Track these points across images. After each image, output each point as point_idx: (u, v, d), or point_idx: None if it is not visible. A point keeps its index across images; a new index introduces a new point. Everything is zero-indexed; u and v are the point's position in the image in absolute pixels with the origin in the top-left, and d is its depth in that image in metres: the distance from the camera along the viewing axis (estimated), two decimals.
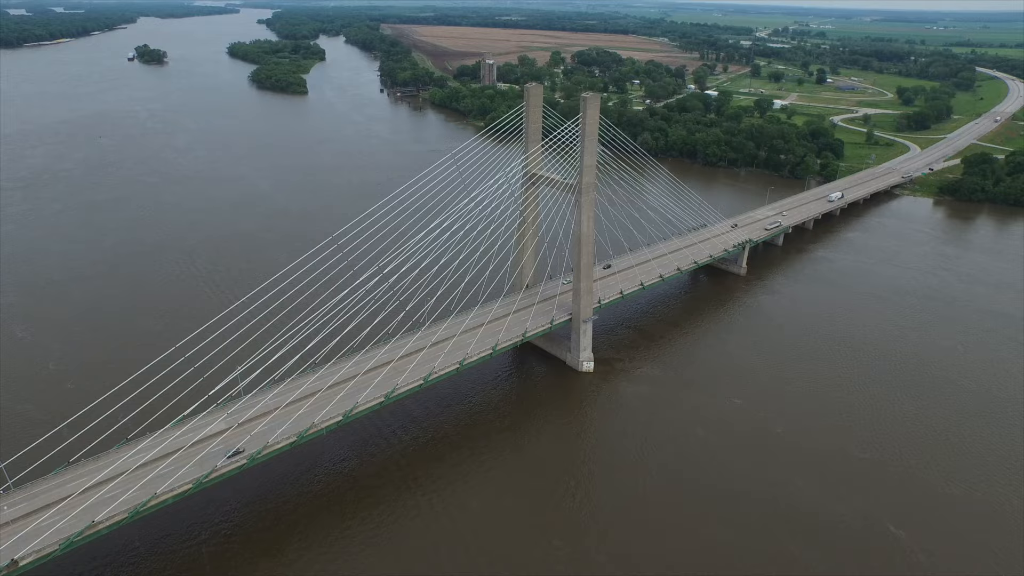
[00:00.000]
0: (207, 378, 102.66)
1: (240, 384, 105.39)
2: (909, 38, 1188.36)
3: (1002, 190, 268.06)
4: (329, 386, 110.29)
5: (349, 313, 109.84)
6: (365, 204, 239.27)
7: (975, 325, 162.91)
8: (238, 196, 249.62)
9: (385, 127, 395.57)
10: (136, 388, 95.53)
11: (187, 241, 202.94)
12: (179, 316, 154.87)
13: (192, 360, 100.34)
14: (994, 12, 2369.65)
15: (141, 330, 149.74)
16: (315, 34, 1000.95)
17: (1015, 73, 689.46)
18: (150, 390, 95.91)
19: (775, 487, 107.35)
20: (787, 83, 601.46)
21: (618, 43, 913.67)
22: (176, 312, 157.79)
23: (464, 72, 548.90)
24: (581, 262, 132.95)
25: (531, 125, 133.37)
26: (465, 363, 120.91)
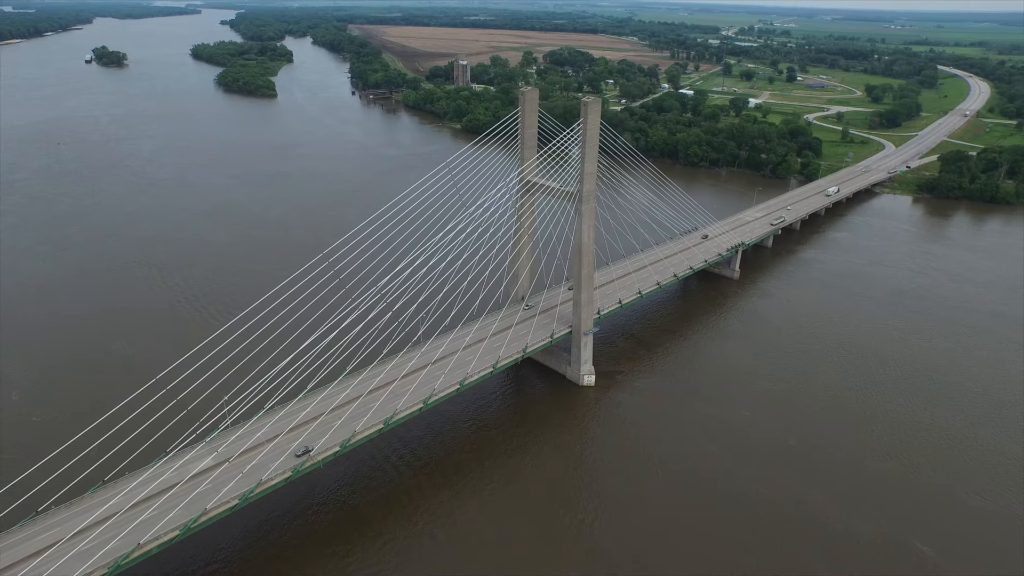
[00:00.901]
0: (191, 410, 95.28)
1: (227, 416, 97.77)
2: (870, 36, 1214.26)
3: (978, 187, 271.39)
4: (324, 413, 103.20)
5: (342, 333, 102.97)
6: (345, 213, 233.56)
7: (971, 325, 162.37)
8: (210, 205, 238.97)
9: (359, 130, 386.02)
10: (113, 424, 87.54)
11: (159, 255, 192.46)
12: (155, 338, 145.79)
13: (174, 392, 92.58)
14: (947, 12, 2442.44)
15: (114, 355, 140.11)
16: (281, 35, 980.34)
17: (973, 71, 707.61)
18: (129, 426, 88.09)
19: (795, 504, 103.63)
20: (759, 81, 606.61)
21: (588, 42, 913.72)
22: (151, 333, 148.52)
23: (436, 73, 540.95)
24: (582, 273, 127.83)
25: (527, 131, 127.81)
26: (466, 383, 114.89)
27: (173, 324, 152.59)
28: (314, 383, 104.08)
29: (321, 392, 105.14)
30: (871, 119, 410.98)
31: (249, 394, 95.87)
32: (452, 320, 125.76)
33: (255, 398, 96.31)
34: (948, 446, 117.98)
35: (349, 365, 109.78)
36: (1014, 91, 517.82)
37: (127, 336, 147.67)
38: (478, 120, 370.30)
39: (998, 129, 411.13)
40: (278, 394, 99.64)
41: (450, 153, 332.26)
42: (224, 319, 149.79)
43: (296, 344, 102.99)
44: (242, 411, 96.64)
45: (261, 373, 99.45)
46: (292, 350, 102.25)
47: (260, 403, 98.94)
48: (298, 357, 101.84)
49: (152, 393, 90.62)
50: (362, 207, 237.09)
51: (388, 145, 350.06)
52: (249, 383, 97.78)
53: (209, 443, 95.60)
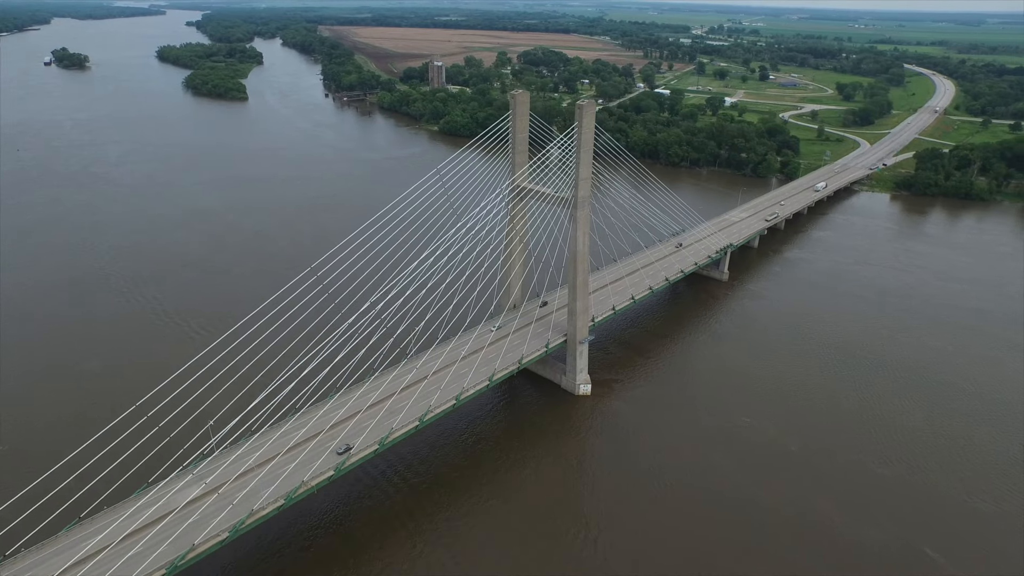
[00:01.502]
0: (174, 438, 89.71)
1: (212, 442, 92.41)
2: (837, 35, 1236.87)
3: (952, 184, 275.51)
4: (315, 435, 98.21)
5: (332, 350, 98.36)
6: (324, 219, 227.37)
7: (958, 323, 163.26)
8: (183, 214, 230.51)
9: (334, 133, 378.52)
10: (89, 457, 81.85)
11: (131, 266, 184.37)
12: (132, 356, 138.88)
13: (156, 418, 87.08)
14: (907, 12, 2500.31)
15: (87, 378, 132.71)
16: (250, 37, 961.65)
17: (937, 70, 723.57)
18: (107, 458, 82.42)
19: (802, 514, 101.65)
20: (732, 80, 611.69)
21: (561, 42, 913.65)
22: (128, 351, 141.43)
23: (411, 75, 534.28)
24: (577, 280, 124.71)
25: (518, 135, 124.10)
26: (462, 398, 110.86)
27: (151, 341, 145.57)
28: (305, 403, 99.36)
29: (313, 412, 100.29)
30: (845, 117, 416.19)
31: (236, 418, 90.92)
32: (444, 332, 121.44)
33: (240, 422, 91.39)
34: (948, 448, 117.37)
35: (340, 383, 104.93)
36: (978, 89, 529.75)
37: (102, 355, 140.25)
38: (456, 122, 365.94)
39: (966, 126, 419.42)
40: (264, 415, 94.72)
41: (429, 156, 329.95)
42: (205, 334, 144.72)
43: (284, 363, 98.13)
44: (226, 437, 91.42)
45: (247, 397, 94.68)
46: (280, 369, 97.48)
47: (248, 427, 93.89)
48: (287, 376, 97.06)
49: (132, 420, 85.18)
50: (342, 213, 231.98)
51: (365, 148, 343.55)
52: (235, 406, 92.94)
53: (195, 472, 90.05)
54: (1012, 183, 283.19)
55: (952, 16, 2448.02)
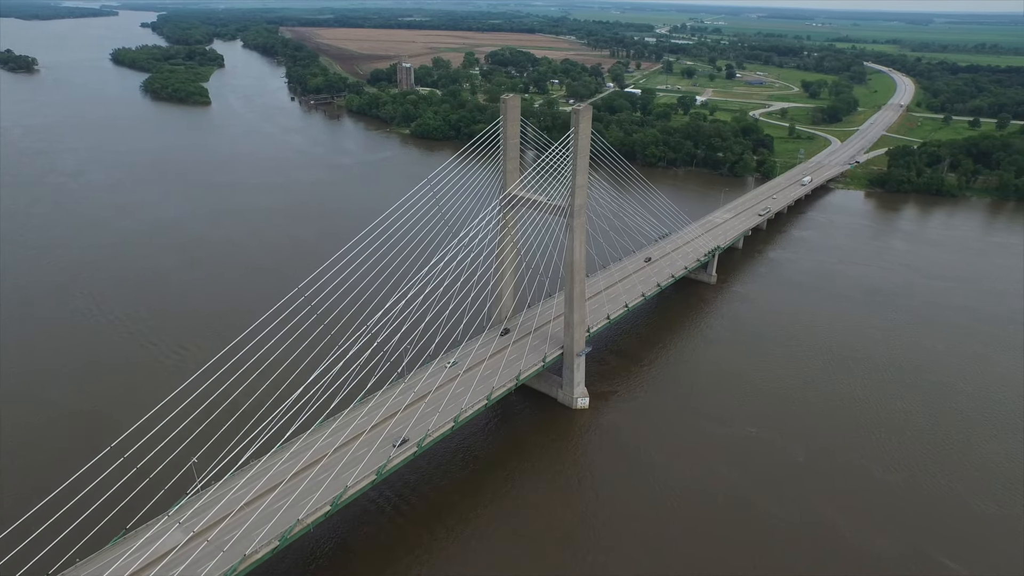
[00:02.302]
0: (153, 479, 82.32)
1: (197, 481, 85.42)
2: (796, 34, 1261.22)
3: (924, 181, 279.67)
4: (308, 465, 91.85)
5: (321, 375, 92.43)
6: (298, 228, 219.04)
7: (947, 322, 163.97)
8: (149, 225, 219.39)
9: (303, 138, 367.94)
10: (58, 507, 74.38)
11: (95, 284, 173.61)
12: (100, 386, 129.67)
13: (133, 459, 79.84)
14: (860, 11, 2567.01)
15: (52, 409, 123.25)
16: (209, 38, 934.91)
17: (895, 67, 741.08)
18: (79, 506, 74.99)
19: (813, 525, 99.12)
20: (700, 79, 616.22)
21: (527, 42, 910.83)
22: (96, 380, 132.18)
23: (378, 76, 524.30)
24: (574, 291, 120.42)
25: (509, 141, 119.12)
26: (460, 419, 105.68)
27: (122, 369, 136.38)
28: (295, 433, 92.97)
29: (304, 443, 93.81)
30: (814, 115, 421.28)
31: (221, 452, 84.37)
32: (436, 349, 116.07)
33: (225, 456, 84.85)
34: (951, 451, 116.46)
35: (332, 409, 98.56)
36: (936, 87, 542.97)
37: (65, 386, 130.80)
38: (428, 125, 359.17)
39: (928, 123, 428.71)
40: (253, 447, 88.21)
41: (403, 160, 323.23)
42: (179, 359, 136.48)
43: (271, 391, 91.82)
44: (210, 472, 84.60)
45: (234, 427, 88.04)
46: (267, 398, 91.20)
47: (230, 461, 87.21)
48: (274, 405, 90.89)
49: (107, 462, 77.92)
50: (315, 221, 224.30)
51: (335, 153, 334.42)
52: (220, 439, 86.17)
53: (179, 516, 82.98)
54: (979, 179, 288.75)
55: (902, 15, 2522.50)
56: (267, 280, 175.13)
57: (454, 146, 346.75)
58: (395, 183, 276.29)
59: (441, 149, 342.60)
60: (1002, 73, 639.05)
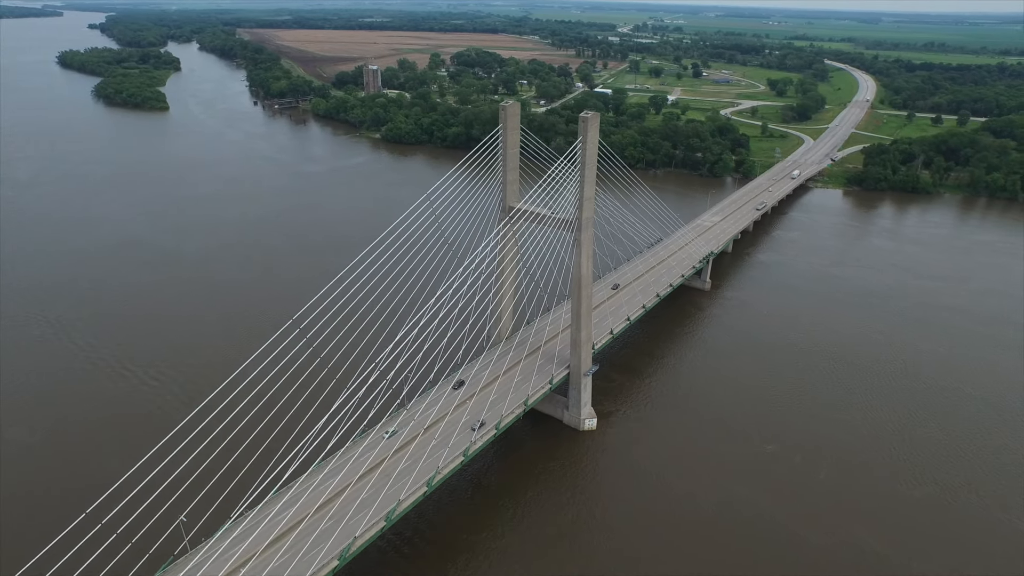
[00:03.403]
0: (137, 542, 73.34)
1: (186, 542, 76.60)
2: (755, 32, 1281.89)
3: (900, 178, 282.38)
4: (310, 515, 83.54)
5: (317, 413, 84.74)
6: (272, 240, 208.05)
7: (942, 323, 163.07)
8: (111, 242, 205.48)
9: (268, 144, 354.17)
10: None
11: (54, 308, 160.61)
12: (67, 429, 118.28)
13: (113, 524, 70.67)
14: (813, 10, 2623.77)
15: (16, 457, 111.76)
16: (163, 41, 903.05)
17: (854, 65, 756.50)
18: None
19: (850, 550, 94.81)
20: (667, 78, 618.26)
21: (491, 42, 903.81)
22: (62, 419, 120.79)
23: (344, 79, 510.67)
24: (581, 308, 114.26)
25: (509, 151, 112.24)
26: (470, 452, 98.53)
27: (88, 405, 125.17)
28: (289, 479, 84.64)
29: (299, 489, 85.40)
30: (784, 113, 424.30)
31: (209, 507, 75.88)
32: (438, 370, 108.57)
33: (217, 508, 76.43)
34: (970, 461, 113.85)
35: (329, 448, 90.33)
36: (897, 84, 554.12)
37: (29, 421, 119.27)
38: (400, 129, 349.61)
39: (893, 120, 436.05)
40: (247, 500, 79.68)
41: (376, 166, 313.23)
42: (157, 394, 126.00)
43: (265, 433, 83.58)
44: (200, 528, 76.05)
45: (224, 477, 79.58)
46: (260, 441, 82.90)
47: (222, 514, 78.75)
48: (268, 449, 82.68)
49: (88, 525, 68.75)
50: (291, 233, 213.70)
51: (305, 160, 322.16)
52: (211, 491, 77.61)
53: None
54: (951, 175, 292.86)
55: (852, 15, 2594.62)
56: (247, 300, 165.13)
57: (427, 150, 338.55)
58: (370, 190, 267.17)
59: (414, 154, 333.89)
60: (954, 71, 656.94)
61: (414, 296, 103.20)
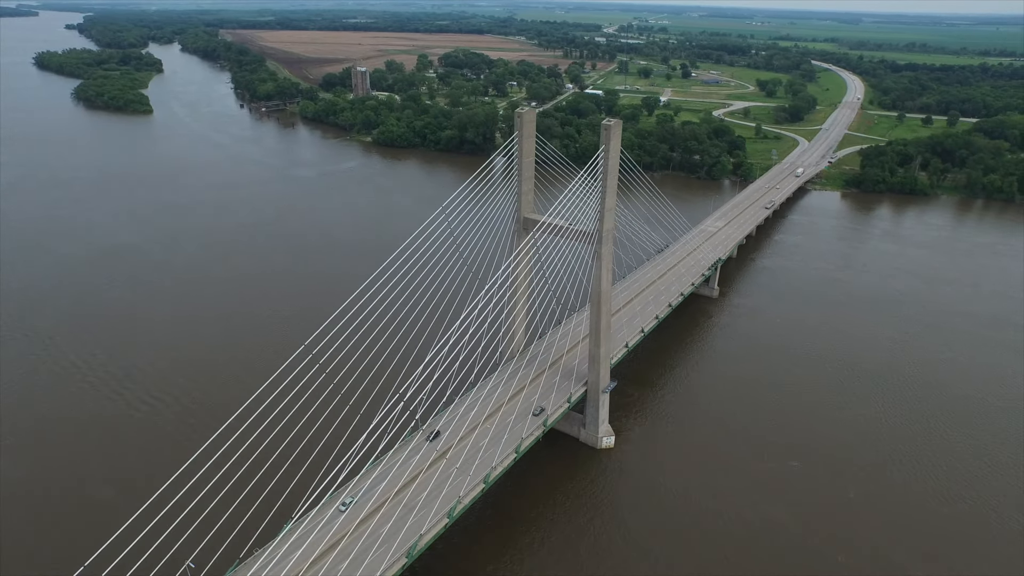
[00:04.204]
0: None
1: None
2: (740, 33, 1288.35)
3: (898, 180, 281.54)
4: (323, 552, 78.17)
5: (330, 440, 79.71)
6: (267, 248, 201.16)
7: (955, 328, 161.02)
8: (97, 250, 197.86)
9: (257, 149, 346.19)
10: None
11: (38, 321, 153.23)
12: (53, 459, 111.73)
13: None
14: (795, 10, 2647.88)
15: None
16: (144, 42, 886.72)
17: (840, 65, 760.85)
18: None
19: (888, 569, 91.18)
20: (657, 78, 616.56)
21: (478, 43, 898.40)
22: (47, 449, 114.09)
23: (332, 81, 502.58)
24: (600, 323, 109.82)
25: (524, 159, 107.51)
26: (491, 479, 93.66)
27: (79, 432, 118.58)
28: (303, 511, 79.40)
29: (312, 524, 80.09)
30: (776, 114, 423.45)
31: (219, 545, 70.46)
32: (453, 390, 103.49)
33: (230, 544, 71.03)
34: (1002, 476, 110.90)
35: (344, 478, 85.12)
36: (886, 85, 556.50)
37: (15, 450, 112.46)
38: (391, 132, 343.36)
39: (883, 121, 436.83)
40: (257, 536, 74.35)
41: (369, 170, 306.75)
42: (151, 408, 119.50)
43: (276, 467, 78.26)
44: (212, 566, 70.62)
45: (236, 512, 74.18)
46: (273, 473, 77.62)
47: (235, 549, 73.37)
48: (278, 480, 77.45)
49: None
50: (288, 241, 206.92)
51: (295, 164, 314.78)
52: (220, 531, 72.17)
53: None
54: (948, 177, 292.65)
55: (833, 15, 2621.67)
56: (246, 313, 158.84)
57: (420, 154, 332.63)
58: (365, 196, 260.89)
59: (407, 157, 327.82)
60: (939, 71, 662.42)
61: (429, 314, 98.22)
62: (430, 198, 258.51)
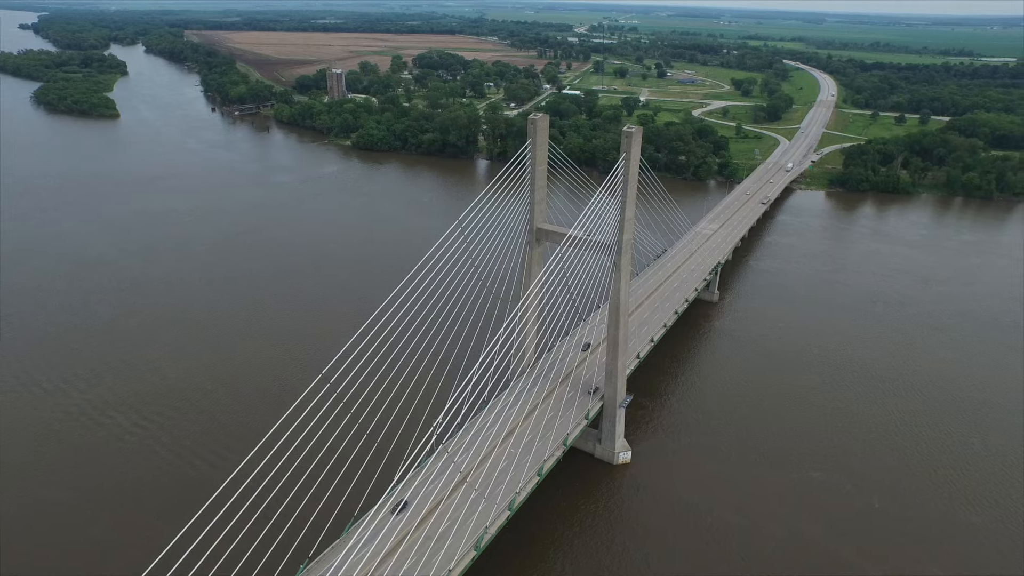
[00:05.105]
0: None
1: None
2: (710, 32, 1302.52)
3: (881, 179, 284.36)
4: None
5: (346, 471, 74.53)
6: (252, 260, 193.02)
7: (955, 329, 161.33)
8: (68, 263, 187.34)
9: (233, 154, 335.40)
10: None
11: (7, 345, 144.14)
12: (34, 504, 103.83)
13: None
14: (760, 10, 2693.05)
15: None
16: (105, 43, 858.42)
17: (811, 65, 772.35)
18: None
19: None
20: (633, 78, 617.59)
21: (450, 44, 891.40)
22: (28, 474, 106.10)
23: (306, 84, 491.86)
24: (618, 336, 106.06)
25: (538, 167, 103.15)
26: (515, 504, 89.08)
27: (62, 468, 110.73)
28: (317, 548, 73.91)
29: (328, 560, 74.65)
30: (755, 113, 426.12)
31: None
32: (467, 410, 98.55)
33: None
34: (1018, 479, 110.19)
35: (360, 510, 79.88)
36: (857, 83, 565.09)
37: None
38: (372, 136, 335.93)
39: (858, 120, 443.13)
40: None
41: (351, 175, 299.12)
42: (141, 440, 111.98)
43: (298, 498, 72.74)
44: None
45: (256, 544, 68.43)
46: (289, 511, 72.04)
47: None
48: (299, 515, 71.97)
49: None
50: (271, 252, 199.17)
51: (274, 170, 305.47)
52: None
53: None
54: (928, 175, 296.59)
55: (798, 15, 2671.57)
56: (232, 331, 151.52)
57: (401, 157, 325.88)
58: (349, 202, 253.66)
59: (388, 161, 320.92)
60: (905, 70, 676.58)
61: (444, 335, 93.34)
62: (418, 203, 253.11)
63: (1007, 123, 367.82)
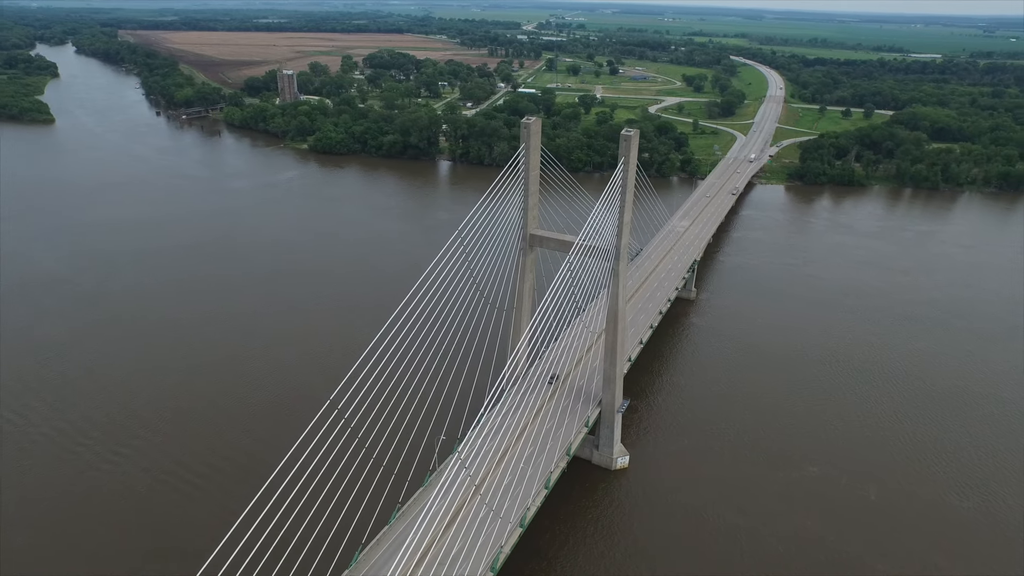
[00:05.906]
0: None
1: None
2: (655, 29, 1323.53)
3: (837, 172, 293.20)
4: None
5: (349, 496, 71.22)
6: (221, 270, 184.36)
7: (925, 318, 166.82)
8: (14, 282, 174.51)
9: (184, 160, 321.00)
10: None
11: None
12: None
13: None
14: (701, 7, 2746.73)
15: None
16: (30, 43, 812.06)
17: (757, 60, 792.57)
18: None
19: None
20: (586, 76, 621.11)
21: (399, 43, 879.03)
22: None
23: (255, 85, 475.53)
24: (615, 342, 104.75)
25: (531, 172, 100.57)
26: (526, 521, 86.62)
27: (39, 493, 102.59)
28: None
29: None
30: (709, 109, 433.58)
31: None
32: (468, 422, 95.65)
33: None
34: (1010, 469, 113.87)
35: (364, 537, 76.20)
36: (803, 79, 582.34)
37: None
38: (330, 138, 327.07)
39: (807, 114, 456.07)
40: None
41: (311, 179, 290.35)
42: (116, 469, 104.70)
43: (315, 520, 68.66)
44: None
45: None
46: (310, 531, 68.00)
47: None
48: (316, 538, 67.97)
49: None
50: (239, 262, 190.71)
51: (229, 175, 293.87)
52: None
53: None
54: (880, 168, 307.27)
55: (737, 11, 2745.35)
56: (196, 348, 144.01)
57: (361, 160, 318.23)
58: (313, 208, 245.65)
59: (348, 164, 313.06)
60: (844, 65, 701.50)
61: (440, 343, 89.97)
62: (382, 207, 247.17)
63: (944, 117, 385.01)
